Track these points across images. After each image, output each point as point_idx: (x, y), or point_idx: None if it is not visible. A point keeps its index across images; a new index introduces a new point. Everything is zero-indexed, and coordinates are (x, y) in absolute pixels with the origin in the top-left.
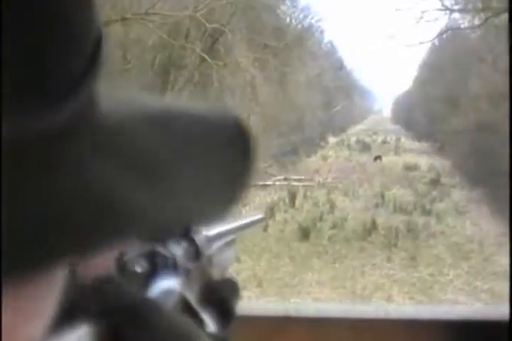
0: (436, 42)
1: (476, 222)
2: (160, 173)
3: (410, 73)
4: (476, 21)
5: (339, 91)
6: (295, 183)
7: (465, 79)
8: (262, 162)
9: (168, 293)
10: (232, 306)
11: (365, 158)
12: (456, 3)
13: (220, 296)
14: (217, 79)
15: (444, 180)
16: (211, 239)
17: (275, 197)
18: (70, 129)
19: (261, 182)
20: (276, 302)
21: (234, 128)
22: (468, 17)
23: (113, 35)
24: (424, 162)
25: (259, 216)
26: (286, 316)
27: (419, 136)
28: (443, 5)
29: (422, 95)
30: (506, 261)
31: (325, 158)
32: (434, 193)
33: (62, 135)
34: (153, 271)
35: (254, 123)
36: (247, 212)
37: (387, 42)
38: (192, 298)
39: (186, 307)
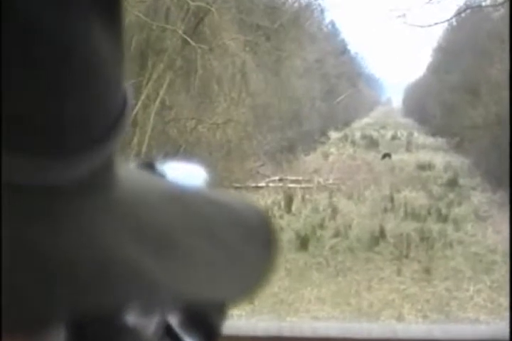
0: (453, 22)
1: (500, 228)
2: (173, 248)
3: (423, 58)
4: None
5: (342, 79)
6: (291, 185)
7: (486, 65)
8: (254, 160)
9: (148, 316)
10: (217, 327)
11: (372, 155)
12: None
13: (203, 316)
14: (202, 66)
15: (462, 180)
16: None
17: (269, 201)
18: (81, 187)
19: (252, 184)
20: (269, 321)
21: (258, 221)
22: None
23: None
24: (439, 160)
25: None
26: (280, 336)
27: (433, 131)
28: None
29: (436, 83)
30: None
31: (326, 156)
32: (452, 196)
33: (73, 190)
34: None
35: (244, 115)
36: None
37: (396, 22)
38: (174, 321)
39: (168, 331)
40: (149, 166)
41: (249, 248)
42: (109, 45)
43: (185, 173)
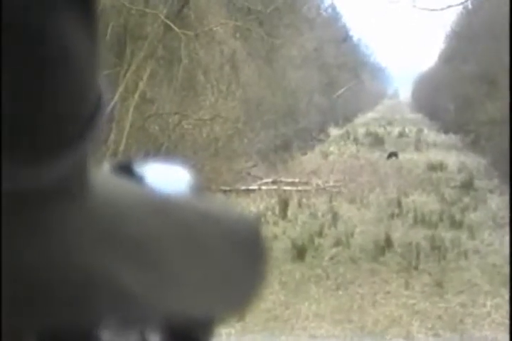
0: (468, 5)
1: None
2: (153, 261)
3: (435, 45)
4: None
5: (343, 70)
6: (287, 188)
7: (505, 53)
8: (244, 161)
9: (125, 334)
10: None
11: (377, 155)
12: None
13: (188, 334)
14: (187, 54)
15: (478, 182)
16: None
17: (261, 206)
18: (51, 194)
19: (243, 187)
20: (262, 339)
21: (247, 231)
22: None
23: None
24: (452, 160)
25: None
26: None
27: (446, 127)
28: None
29: (450, 74)
30: None
31: (325, 156)
32: (466, 200)
33: (41, 198)
34: None
35: (234, 110)
36: None
37: (405, 5)
38: (155, 340)
39: None
40: (126, 169)
41: (237, 261)
42: (82, 36)
43: (167, 177)
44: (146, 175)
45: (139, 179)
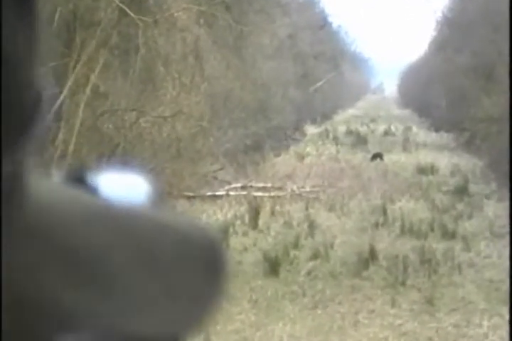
0: None
1: None
2: (101, 277)
3: (425, 33)
4: None
5: (321, 60)
6: (258, 194)
7: (503, 42)
8: (210, 163)
9: None
10: None
11: (360, 156)
12: None
13: None
14: (145, 43)
15: (473, 187)
16: None
17: (229, 214)
18: None
19: (209, 193)
20: None
21: (206, 244)
22: None
23: None
24: (444, 162)
25: None
26: None
27: (437, 125)
28: None
29: (441, 65)
30: None
31: (301, 158)
32: (460, 207)
33: None
34: None
35: (198, 106)
36: None
37: None
38: None
39: None
40: (79, 178)
41: (194, 274)
42: (17, 23)
43: (123, 187)
44: (100, 185)
45: (92, 189)
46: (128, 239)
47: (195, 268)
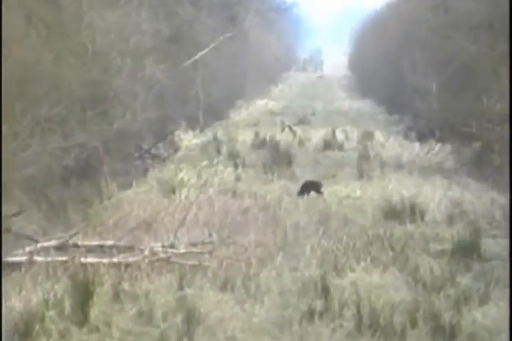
0: None
1: None
2: None
3: None
4: None
5: (205, 9)
6: (90, 259)
7: None
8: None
9: None
10: None
11: (278, 188)
12: None
13: None
14: None
15: (489, 244)
16: None
17: (35, 298)
18: None
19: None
20: None
21: None
22: None
23: None
24: (437, 196)
25: None
26: None
27: (421, 128)
28: None
29: (425, 13)
30: None
31: (169, 191)
32: (465, 281)
33: None
34: None
35: None
36: None
37: None
38: None
39: None
40: None
41: None
42: None
43: None
44: None
45: None
46: None
47: None
